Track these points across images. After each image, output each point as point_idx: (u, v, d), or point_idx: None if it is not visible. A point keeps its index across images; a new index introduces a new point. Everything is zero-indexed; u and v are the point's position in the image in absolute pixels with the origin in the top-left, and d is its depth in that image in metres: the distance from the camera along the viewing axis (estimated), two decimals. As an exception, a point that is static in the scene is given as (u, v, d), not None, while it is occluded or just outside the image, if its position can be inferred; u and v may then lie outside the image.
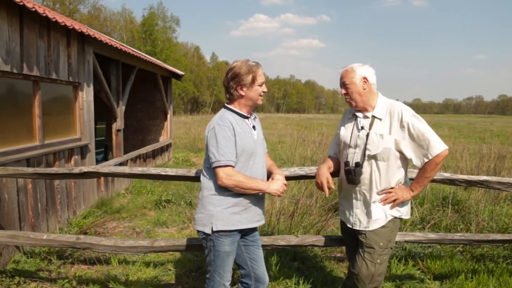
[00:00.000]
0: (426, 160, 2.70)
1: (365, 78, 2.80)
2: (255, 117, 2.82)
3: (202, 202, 2.67)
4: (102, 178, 7.12)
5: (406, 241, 3.58)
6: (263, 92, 2.69)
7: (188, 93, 73.79)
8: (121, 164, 8.07)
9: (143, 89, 12.07)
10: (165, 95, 12.06)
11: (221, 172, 2.48)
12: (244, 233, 2.73)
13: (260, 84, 2.64)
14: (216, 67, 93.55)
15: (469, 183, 3.53)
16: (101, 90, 7.34)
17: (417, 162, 2.75)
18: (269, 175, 2.84)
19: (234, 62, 2.65)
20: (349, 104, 2.92)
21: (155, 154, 11.08)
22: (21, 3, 4.18)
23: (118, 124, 8.18)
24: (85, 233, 5.22)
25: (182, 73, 13.17)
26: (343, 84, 2.85)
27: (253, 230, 2.77)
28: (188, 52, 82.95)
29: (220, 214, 2.57)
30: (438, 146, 2.66)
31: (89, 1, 51.93)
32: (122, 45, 7.95)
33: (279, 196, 2.66)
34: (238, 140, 2.55)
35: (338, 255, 4.77)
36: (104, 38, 6.84)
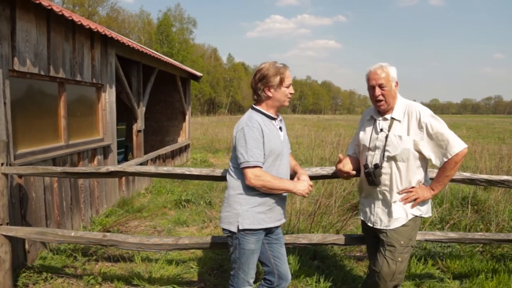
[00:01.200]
0: (445, 160, 2.72)
1: (396, 81, 2.83)
2: (281, 119, 2.88)
3: (228, 201, 2.73)
4: (123, 178, 7.27)
5: (426, 240, 3.60)
6: (290, 93, 2.73)
7: (204, 94, 74.23)
8: (141, 164, 8.21)
9: (162, 90, 12.23)
10: (184, 96, 12.20)
11: (249, 173, 2.54)
12: (268, 231, 2.79)
13: (287, 85, 2.69)
14: (232, 68, 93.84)
15: (490, 183, 3.54)
16: (122, 91, 7.48)
17: (436, 161, 2.77)
18: (293, 175, 2.91)
19: (262, 64, 2.70)
20: (378, 106, 2.85)
21: (174, 154, 11.22)
22: (49, 7, 4.31)
23: (139, 124, 8.32)
24: (108, 231, 5.35)
25: (201, 74, 13.31)
26: (380, 86, 2.78)
27: (276, 228, 2.83)
28: (205, 54, 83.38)
29: (247, 213, 2.64)
30: (457, 145, 2.69)
31: (108, 3, 52.74)
32: (143, 47, 8.08)
33: (304, 196, 2.70)
34: (266, 141, 2.61)
35: (358, 254, 4.80)
36: (126, 40, 6.97)
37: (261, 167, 2.58)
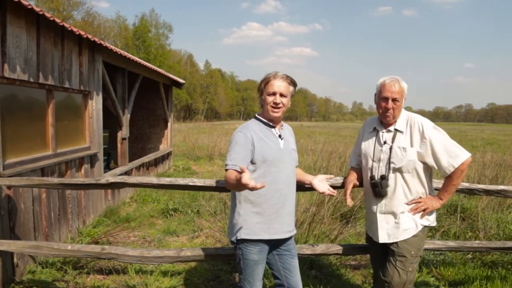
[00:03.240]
0: (451, 170, 2.76)
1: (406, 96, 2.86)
2: (286, 127, 2.85)
3: (231, 211, 2.74)
4: (109, 187, 7.10)
5: (426, 249, 3.63)
6: (274, 103, 2.63)
7: (181, 100, 73.78)
8: (126, 173, 8.05)
9: (144, 97, 12.04)
10: (166, 103, 12.07)
11: (225, 174, 2.51)
12: (276, 242, 2.75)
13: (269, 93, 2.63)
14: (209, 75, 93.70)
15: (488, 193, 3.59)
16: (107, 98, 7.33)
17: (443, 171, 2.80)
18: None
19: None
20: (384, 118, 2.85)
21: (157, 162, 11.07)
22: (41, 12, 4.19)
23: (124, 132, 8.16)
24: (97, 243, 5.21)
25: (183, 81, 13.20)
26: (394, 100, 2.76)
27: (286, 240, 2.79)
28: (182, 60, 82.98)
29: (245, 223, 2.62)
30: (461, 155, 2.74)
31: (83, 8, 51.91)
32: (127, 54, 7.95)
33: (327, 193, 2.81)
34: (257, 147, 2.58)
35: (353, 263, 4.81)
36: (112, 47, 6.85)
37: (238, 171, 2.43)
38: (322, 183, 2.90)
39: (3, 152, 4.03)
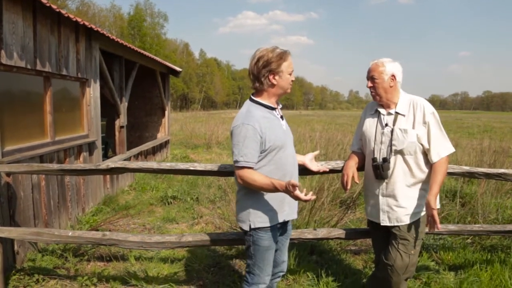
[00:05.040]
0: (438, 158, 2.80)
1: (393, 75, 2.84)
2: (281, 106, 2.78)
3: (239, 200, 2.68)
4: (108, 175, 7.08)
5: (427, 233, 3.64)
6: (292, 81, 2.64)
7: (177, 89, 73.55)
8: (125, 160, 8.02)
9: (140, 85, 11.96)
10: (163, 92, 11.99)
11: (237, 173, 2.49)
12: (283, 224, 2.75)
13: (290, 72, 2.59)
14: (204, 64, 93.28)
15: (488, 176, 3.60)
16: (105, 86, 7.27)
17: (431, 157, 2.82)
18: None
19: (262, 50, 2.55)
20: (373, 98, 2.95)
21: (154, 150, 11.04)
22: (37, -2, 4.14)
23: (121, 120, 8.12)
24: (96, 230, 5.20)
25: (180, 69, 13.11)
26: (371, 78, 2.86)
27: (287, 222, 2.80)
28: (177, 49, 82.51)
29: (258, 211, 2.58)
30: (448, 147, 2.84)
31: (78, -3, 51.35)
32: (124, 42, 7.88)
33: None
34: (267, 135, 2.49)
35: (353, 248, 4.83)
36: (109, 34, 6.78)
37: (252, 168, 2.47)
38: (312, 162, 3.00)
39: (1, 140, 4.00)
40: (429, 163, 2.90)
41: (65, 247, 4.56)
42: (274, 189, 2.41)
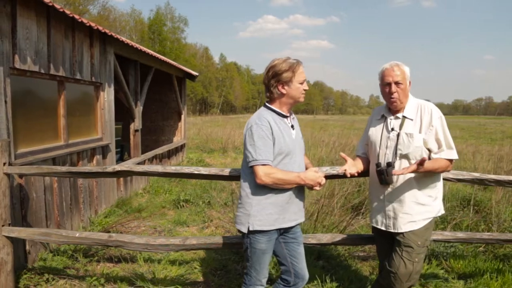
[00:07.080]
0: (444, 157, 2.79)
1: (410, 80, 2.82)
2: (294, 117, 2.83)
3: (241, 202, 2.70)
4: (121, 178, 7.18)
5: (435, 240, 3.58)
6: (304, 90, 2.67)
7: (196, 94, 74.15)
8: (139, 164, 8.12)
9: (157, 89, 12.13)
10: (180, 96, 12.11)
11: (260, 171, 2.49)
12: (284, 230, 2.75)
13: (301, 82, 2.63)
14: (224, 68, 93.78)
15: (499, 183, 3.52)
16: (119, 90, 7.39)
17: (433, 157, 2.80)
18: None
19: (275, 60, 2.64)
20: (391, 103, 2.83)
21: (170, 154, 11.14)
22: (50, 4, 4.24)
23: (136, 124, 8.23)
24: (108, 232, 5.28)
25: (196, 73, 13.22)
26: (397, 83, 2.76)
27: (293, 227, 2.79)
28: (197, 53, 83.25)
29: (257, 214, 2.60)
30: (453, 154, 2.79)
31: (99, 2, 52.34)
32: (140, 46, 8.00)
33: (315, 188, 2.62)
34: (276, 140, 2.55)
35: (361, 254, 4.78)
36: (124, 38, 6.90)
37: (271, 165, 2.54)
38: (311, 171, 2.92)
39: (14, 142, 4.10)
40: None
41: (76, 247, 4.65)
42: (299, 180, 2.55)
